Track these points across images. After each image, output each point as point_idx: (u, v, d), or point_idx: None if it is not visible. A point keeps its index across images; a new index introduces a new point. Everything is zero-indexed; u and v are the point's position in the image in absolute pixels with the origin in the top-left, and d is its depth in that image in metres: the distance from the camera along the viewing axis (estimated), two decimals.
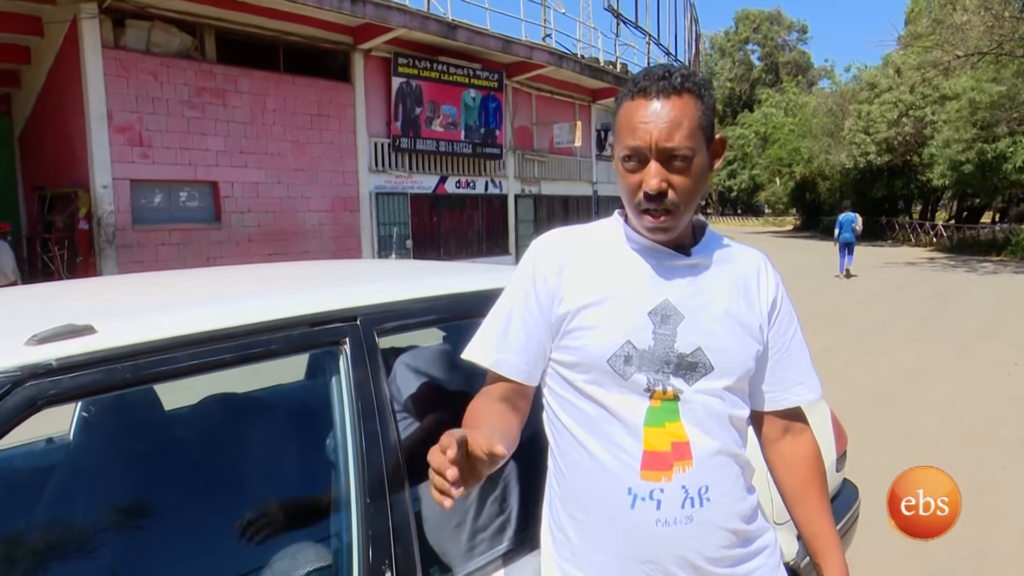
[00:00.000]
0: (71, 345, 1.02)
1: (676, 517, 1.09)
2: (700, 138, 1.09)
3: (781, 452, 1.28)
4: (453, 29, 14.18)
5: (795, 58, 58.86)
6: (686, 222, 1.14)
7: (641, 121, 1.08)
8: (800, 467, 1.26)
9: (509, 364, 1.18)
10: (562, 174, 19.15)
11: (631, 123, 1.09)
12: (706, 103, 1.10)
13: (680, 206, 1.10)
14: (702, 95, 1.10)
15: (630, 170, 1.11)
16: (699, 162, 1.10)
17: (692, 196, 1.10)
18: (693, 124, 1.08)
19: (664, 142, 1.06)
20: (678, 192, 1.09)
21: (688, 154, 1.07)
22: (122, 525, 1.53)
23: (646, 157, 1.08)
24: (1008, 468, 4.28)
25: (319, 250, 12.87)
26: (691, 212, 1.14)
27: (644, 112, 1.08)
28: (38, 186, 11.93)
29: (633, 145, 1.08)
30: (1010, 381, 6.43)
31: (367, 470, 1.25)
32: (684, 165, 1.08)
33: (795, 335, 1.25)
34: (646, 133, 1.07)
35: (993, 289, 13.72)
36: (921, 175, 27.30)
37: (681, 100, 1.08)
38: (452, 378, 1.63)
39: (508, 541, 1.46)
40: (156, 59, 10.77)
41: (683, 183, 1.09)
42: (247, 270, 2.14)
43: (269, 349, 1.22)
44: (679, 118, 1.07)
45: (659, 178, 1.07)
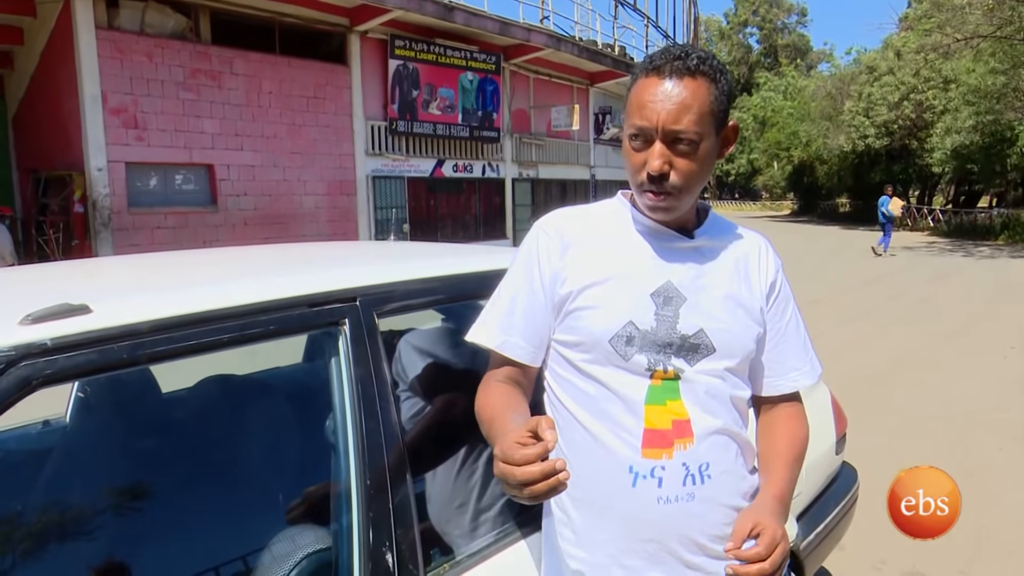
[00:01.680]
0: (66, 325, 1.00)
1: (678, 494, 1.09)
2: (710, 123, 1.07)
3: (769, 425, 1.26)
4: (450, 11, 14.04)
5: (794, 41, 58.51)
6: (688, 204, 1.13)
7: (650, 100, 1.06)
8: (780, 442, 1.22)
9: (515, 346, 1.18)
10: (560, 158, 19.07)
11: (640, 101, 1.08)
12: (720, 88, 1.08)
13: (682, 189, 1.09)
14: (717, 79, 1.08)
15: (636, 149, 1.10)
16: (706, 147, 1.08)
17: (695, 180, 1.10)
18: (703, 108, 1.06)
19: (671, 124, 1.05)
20: (680, 175, 1.07)
21: (695, 138, 1.06)
22: (120, 507, 1.53)
23: (652, 137, 1.07)
24: (1004, 450, 4.30)
25: (316, 234, 12.82)
26: (694, 195, 1.13)
27: (655, 91, 1.06)
28: (32, 168, 11.84)
29: (640, 124, 1.07)
30: (1006, 365, 6.45)
31: (367, 452, 1.24)
32: (689, 149, 1.07)
33: (791, 319, 1.24)
34: (654, 113, 1.06)
35: (990, 274, 13.74)
36: (919, 159, 27.25)
37: (694, 83, 1.06)
38: (457, 358, 1.62)
39: (510, 522, 1.46)
40: (151, 40, 10.65)
41: (687, 166, 1.07)
42: (245, 251, 2.12)
43: (267, 330, 1.20)
44: (689, 101, 1.05)
45: (662, 160, 1.06)
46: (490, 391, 1.18)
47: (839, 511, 2.23)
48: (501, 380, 1.19)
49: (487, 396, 1.17)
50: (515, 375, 1.19)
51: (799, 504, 2.04)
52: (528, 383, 1.21)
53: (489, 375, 1.21)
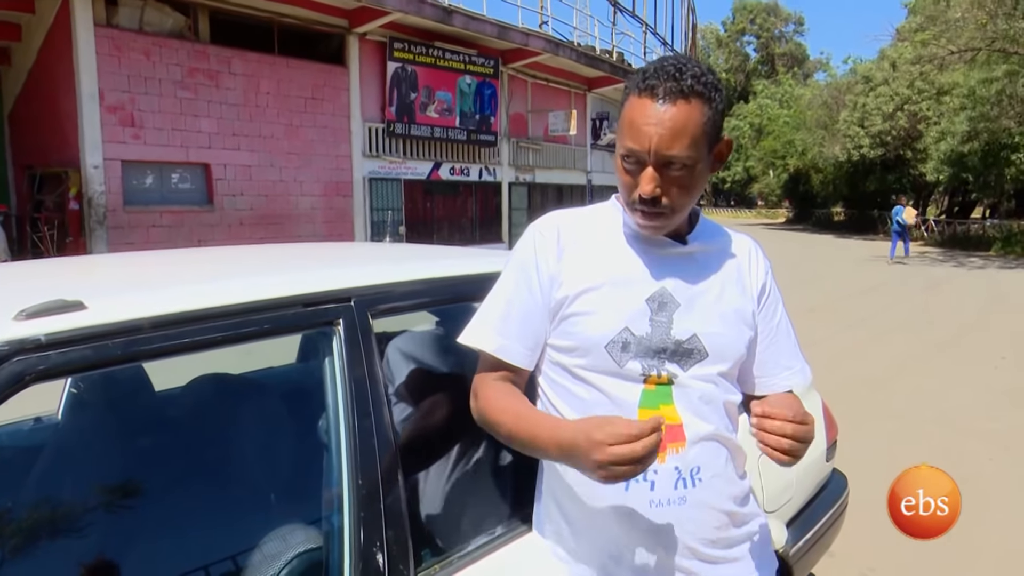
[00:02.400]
0: (60, 321, 1.00)
1: (670, 498, 1.10)
2: (703, 145, 1.06)
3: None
4: (449, 14, 14.05)
5: (791, 50, 58.80)
6: (679, 220, 1.14)
7: (643, 124, 1.05)
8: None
9: (511, 350, 1.17)
10: (557, 162, 19.09)
11: (633, 123, 1.06)
12: (715, 108, 1.07)
13: (674, 209, 1.09)
14: (712, 98, 1.06)
15: (628, 170, 1.09)
16: (699, 168, 1.08)
17: (687, 200, 1.10)
18: (697, 132, 1.04)
19: (664, 150, 1.04)
20: (672, 198, 1.08)
21: (688, 163, 1.05)
22: (111, 505, 1.52)
23: (644, 160, 1.06)
24: (994, 460, 4.32)
25: (312, 234, 12.80)
26: (686, 211, 1.13)
27: (647, 114, 1.05)
28: (28, 165, 11.80)
29: (632, 147, 1.07)
30: (997, 375, 6.49)
31: (360, 452, 1.24)
32: (683, 173, 1.06)
33: (782, 321, 1.25)
34: (646, 138, 1.04)
35: (981, 284, 13.81)
36: (914, 169, 27.38)
37: (688, 106, 1.04)
38: (444, 362, 1.62)
39: (500, 524, 1.46)
40: (149, 38, 10.63)
41: (679, 189, 1.07)
42: (240, 250, 2.12)
43: (262, 328, 1.20)
44: (682, 125, 1.03)
45: (653, 184, 1.06)
46: (497, 392, 1.17)
47: (829, 518, 2.24)
48: (499, 380, 1.18)
49: (496, 398, 1.16)
50: (509, 378, 1.19)
51: (789, 510, 2.05)
52: (521, 386, 1.21)
53: (483, 377, 1.20)
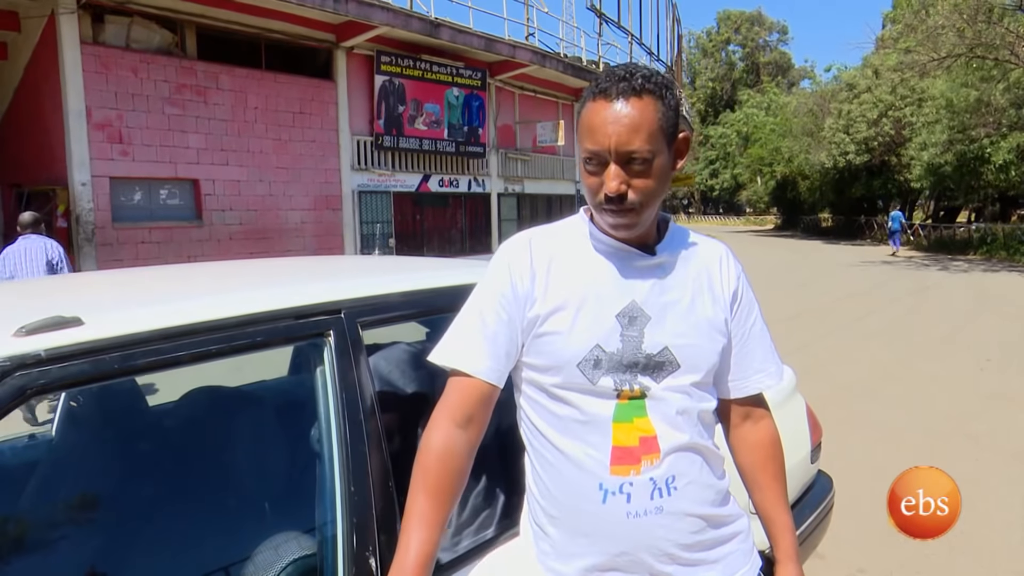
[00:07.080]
0: (59, 336, 1.04)
1: (646, 508, 1.12)
2: (661, 139, 1.10)
3: (742, 436, 1.31)
4: (436, 27, 14.16)
5: (776, 59, 59.34)
6: (649, 219, 1.16)
7: (601, 124, 1.08)
8: (758, 451, 1.30)
9: (485, 368, 1.16)
10: (545, 173, 19.20)
11: (591, 126, 1.10)
12: (667, 104, 1.10)
13: (642, 204, 1.11)
14: (664, 96, 1.10)
15: (591, 172, 1.12)
16: (660, 163, 1.10)
17: (653, 195, 1.12)
18: (653, 127, 1.08)
19: (623, 146, 1.07)
20: (638, 192, 1.10)
21: (648, 156, 1.08)
22: (107, 518, 1.54)
23: (606, 159, 1.09)
24: (979, 461, 4.38)
25: (301, 248, 12.80)
26: (654, 209, 1.15)
27: (604, 115, 1.08)
28: (15, 183, 11.75)
29: (593, 148, 1.10)
30: (982, 377, 6.57)
31: (351, 460, 1.27)
32: (644, 168, 1.09)
33: (755, 323, 1.27)
34: (605, 137, 1.08)
35: (966, 287, 13.95)
36: (899, 175, 27.66)
37: (641, 102, 1.08)
38: (432, 372, 1.65)
39: (490, 529, 1.49)
40: (136, 55, 10.65)
41: (643, 184, 1.10)
42: (231, 265, 2.15)
43: (254, 341, 1.24)
44: (639, 120, 1.07)
45: (618, 180, 1.09)
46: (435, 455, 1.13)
47: (815, 519, 2.27)
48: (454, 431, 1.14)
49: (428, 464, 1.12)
50: (476, 405, 1.16)
51: None
52: (487, 411, 1.18)
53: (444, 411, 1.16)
